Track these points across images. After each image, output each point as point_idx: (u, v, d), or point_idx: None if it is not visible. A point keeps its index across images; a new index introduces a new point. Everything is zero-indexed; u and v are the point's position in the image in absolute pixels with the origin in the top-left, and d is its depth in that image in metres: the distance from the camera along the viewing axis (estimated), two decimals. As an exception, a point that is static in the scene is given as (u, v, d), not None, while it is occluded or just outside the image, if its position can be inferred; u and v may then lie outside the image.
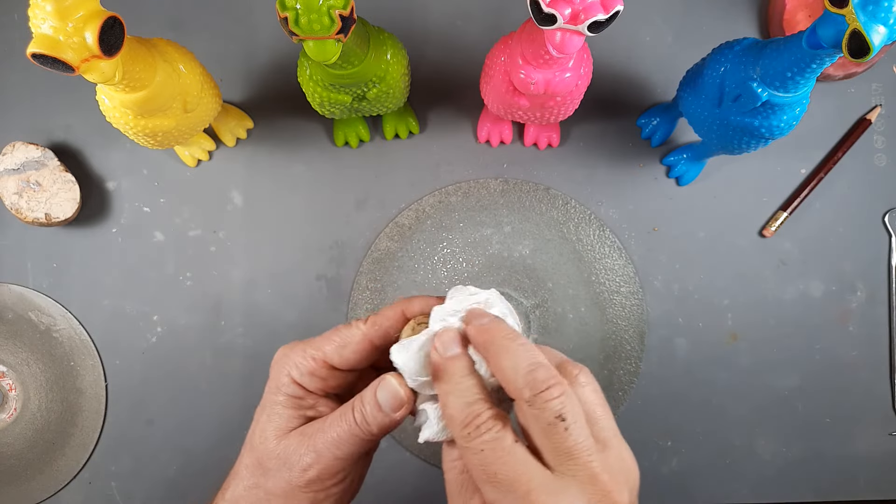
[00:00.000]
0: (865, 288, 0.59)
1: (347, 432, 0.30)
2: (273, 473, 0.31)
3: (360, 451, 0.31)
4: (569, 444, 0.26)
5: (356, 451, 0.31)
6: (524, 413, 0.27)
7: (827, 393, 0.58)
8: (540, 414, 0.26)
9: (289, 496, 0.31)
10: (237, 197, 0.59)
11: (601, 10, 0.36)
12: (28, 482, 0.58)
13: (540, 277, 0.58)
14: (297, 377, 0.32)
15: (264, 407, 0.33)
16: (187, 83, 0.45)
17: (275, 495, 0.31)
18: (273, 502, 0.31)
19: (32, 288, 0.58)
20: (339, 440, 0.30)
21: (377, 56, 0.45)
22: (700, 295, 0.58)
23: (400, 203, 0.59)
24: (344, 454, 0.31)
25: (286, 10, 0.36)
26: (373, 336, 0.32)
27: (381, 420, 0.30)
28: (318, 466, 0.30)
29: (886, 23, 0.33)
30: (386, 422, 0.30)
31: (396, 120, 0.57)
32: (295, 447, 0.31)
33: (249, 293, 0.58)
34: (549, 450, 0.26)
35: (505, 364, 0.28)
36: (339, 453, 0.30)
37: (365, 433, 0.30)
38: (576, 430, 0.26)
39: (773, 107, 0.42)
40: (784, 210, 0.58)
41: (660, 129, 0.58)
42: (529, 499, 0.25)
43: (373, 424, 0.30)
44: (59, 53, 0.34)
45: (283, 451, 0.31)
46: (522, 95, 0.46)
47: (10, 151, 0.55)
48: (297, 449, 0.31)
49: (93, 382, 0.58)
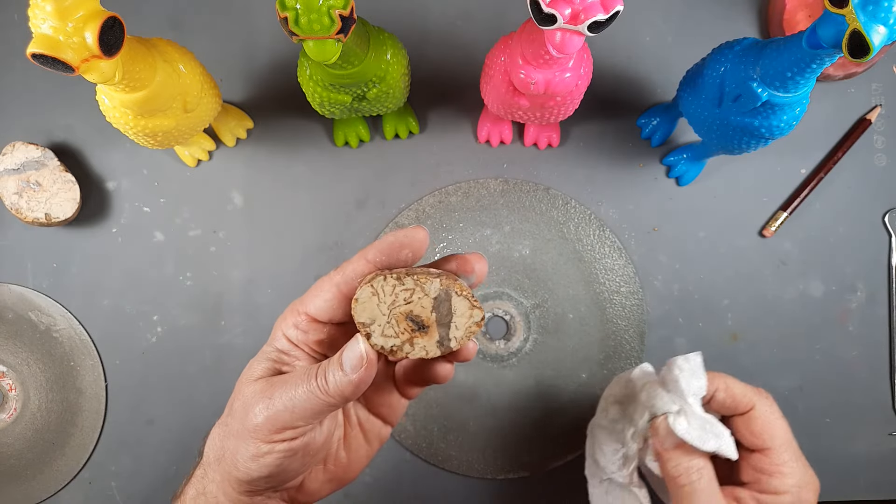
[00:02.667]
0: (865, 288, 0.59)
1: (304, 387, 0.30)
2: (235, 414, 0.32)
3: (311, 410, 0.30)
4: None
5: (307, 408, 0.30)
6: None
7: (827, 393, 0.58)
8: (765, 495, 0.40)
9: (240, 437, 0.31)
10: (237, 197, 0.59)
11: (601, 10, 0.36)
12: (28, 482, 0.58)
13: (540, 277, 0.58)
14: (286, 331, 0.33)
15: (256, 357, 0.34)
16: (187, 83, 0.45)
17: (232, 436, 0.32)
18: (230, 441, 0.32)
19: (32, 288, 0.58)
20: (294, 393, 0.30)
21: (377, 56, 0.45)
22: (700, 295, 0.58)
23: (400, 203, 0.59)
24: (294, 407, 0.30)
25: (286, 10, 0.36)
26: (339, 282, 0.31)
27: (339, 381, 0.30)
28: (265, 413, 0.31)
29: (886, 23, 0.33)
30: (343, 383, 0.30)
31: (396, 120, 0.57)
32: (256, 391, 0.32)
33: (249, 293, 0.58)
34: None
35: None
36: (289, 406, 0.30)
37: (321, 391, 0.30)
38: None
39: (773, 107, 0.42)
40: (784, 210, 0.58)
41: (660, 129, 0.58)
42: None
43: (330, 384, 0.30)
44: (58, 53, 0.34)
45: (247, 394, 0.32)
46: (522, 95, 0.46)
47: (10, 151, 0.55)
48: (257, 393, 0.31)
49: (93, 382, 0.58)
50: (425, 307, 0.29)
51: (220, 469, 0.33)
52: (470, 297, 0.29)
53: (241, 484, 0.32)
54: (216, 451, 0.33)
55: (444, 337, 0.30)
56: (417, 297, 0.29)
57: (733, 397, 0.42)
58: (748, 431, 0.42)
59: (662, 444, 0.42)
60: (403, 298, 0.29)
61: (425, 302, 0.29)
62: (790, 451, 0.41)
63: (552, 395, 0.58)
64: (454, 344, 0.30)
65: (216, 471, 0.33)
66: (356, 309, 0.29)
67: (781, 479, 0.40)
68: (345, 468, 0.36)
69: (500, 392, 0.58)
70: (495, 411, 0.57)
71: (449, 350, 0.30)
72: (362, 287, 0.29)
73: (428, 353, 0.30)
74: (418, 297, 0.29)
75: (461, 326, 0.30)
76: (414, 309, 0.29)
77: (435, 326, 0.30)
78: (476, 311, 0.29)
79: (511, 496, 0.58)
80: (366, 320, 0.30)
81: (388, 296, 0.29)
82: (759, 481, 0.41)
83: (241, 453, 0.31)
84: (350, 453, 0.36)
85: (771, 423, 0.41)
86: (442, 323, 0.30)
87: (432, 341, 0.30)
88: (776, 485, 0.40)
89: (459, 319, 0.30)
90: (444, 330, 0.30)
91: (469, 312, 0.29)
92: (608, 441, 0.46)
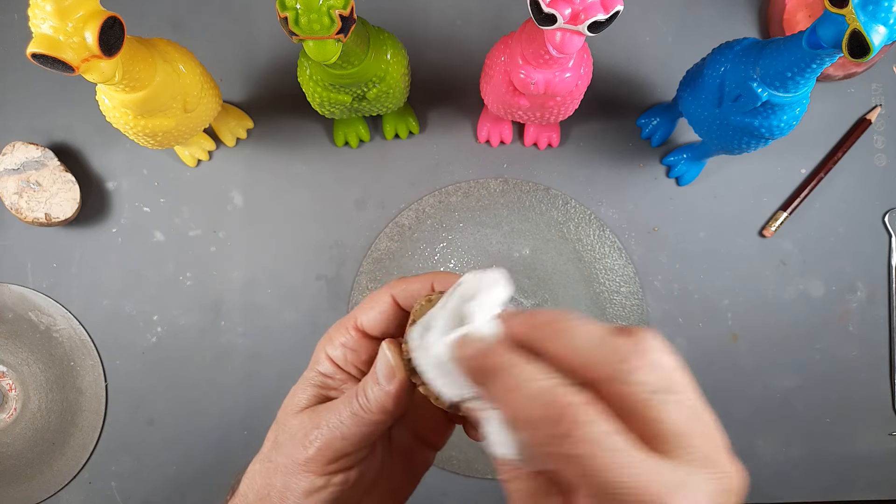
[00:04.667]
0: (865, 288, 0.59)
1: (349, 410, 0.29)
2: (282, 448, 0.31)
3: (360, 432, 0.29)
4: (676, 419, 0.22)
5: (356, 431, 0.29)
6: (612, 395, 0.22)
7: (827, 393, 0.58)
8: (634, 390, 0.21)
9: (289, 472, 0.30)
10: (237, 197, 0.59)
11: (601, 10, 0.36)
12: (28, 482, 0.58)
13: (540, 277, 0.58)
14: (331, 352, 0.32)
15: (297, 384, 0.33)
16: (187, 83, 0.45)
17: (279, 472, 0.31)
18: (277, 478, 0.31)
19: (32, 288, 0.58)
20: (341, 418, 0.29)
21: (377, 56, 0.45)
22: (700, 295, 0.58)
23: (400, 203, 0.59)
24: (344, 434, 0.29)
25: (286, 10, 0.36)
26: (398, 295, 0.30)
27: (378, 395, 0.29)
28: (317, 444, 0.30)
29: (886, 23, 0.33)
30: (381, 396, 0.29)
31: (396, 120, 0.57)
32: (304, 422, 0.30)
33: (249, 293, 0.58)
34: (655, 433, 0.21)
35: (577, 343, 0.22)
36: (339, 433, 0.29)
37: (365, 411, 0.29)
38: (679, 400, 0.22)
39: (773, 107, 0.42)
40: (784, 210, 0.58)
41: (660, 129, 0.58)
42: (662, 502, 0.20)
43: (371, 401, 0.29)
44: (58, 53, 0.34)
45: (294, 426, 0.31)
46: (522, 95, 0.46)
47: (10, 151, 0.55)
48: (305, 424, 0.30)
49: (93, 382, 0.58)
50: None
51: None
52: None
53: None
54: (258, 489, 0.31)
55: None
56: None
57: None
58: None
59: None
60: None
61: None
62: None
63: (552, 395, 0.58)
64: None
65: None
66: (411, 326, 0.28)
67: None
68: (375, 487, 0.34)
69: (500, 392, 0.58)
70: (495, 411, 0.57)
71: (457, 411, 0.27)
72: (422, 303, 0.28)
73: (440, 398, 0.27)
74: None
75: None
76: None
77: None
78: None
79: (511, 496, 0.58)
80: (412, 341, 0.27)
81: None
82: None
83: (293, 490, 0.30)
84: (393, 482, 0.34)
85: None
86: None
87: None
88: None
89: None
90: None
91: None
92: None
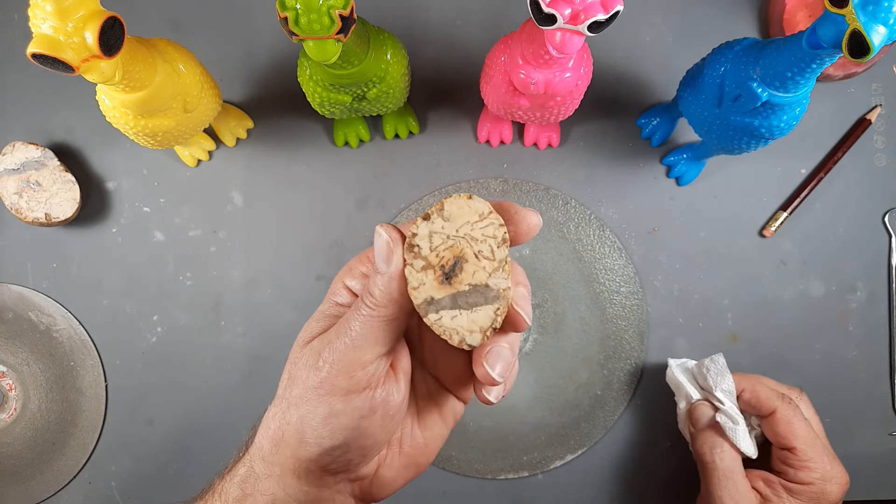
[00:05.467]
0: (865, 288, 0.59)
1: (357, 317, 0.28)
2: (294, 381, 0.29)
3: (371, 334, 0.28)
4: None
5: (366, 334, 0.28)
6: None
7: (827, 393, 0.58)
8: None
9: (305, 401, 0.28)
10: (237, 197, 0.59)
11: (601, 10, 0.36)
12: (28, 482, 0.58)
13: (540, 277, 0.58)
14: (349, 282, 0.31)
15: (312, 316, 0.31)
16: (187, 83, 0.45)
17: (293, 406, 0.29)
18: (292, 413, 0.29)
19: (32, 288, 0.58)
20: (350, 327, 0.28)
21: (377, 56, 0.45)
22: (700, 295, 0.58)
23: (400, 203, 0.59)
24: (356, 343, 0.28)
25: (286, 10, 0.36)
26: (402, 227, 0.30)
27: (382, 284, 0.27)
28: (329, 360, 0.28)
29: (886, 23, 0.33)
30: (384, 282, 0.27)
31: (396, 120, 0.57)
32: (314, 347, 0.29)
33: (249, 293, 0.58)
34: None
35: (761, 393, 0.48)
36: (349, 341, 0.28)
37: (372, 307, 0.28)
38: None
39: (773, 107, 0.42)
40: (784, 210, 0.58)
41: (660, 129, 0.58)
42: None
43: (376, 294, 0.27)
44: (58, 53, 0.34)
45: (305, 354, 0.29)
46: (522, 95, 0.46)
47: (10, 151, 0.55)
48: (315, 348, 0.29)
49: (93, 382, 0.58)
50: (475, 269, 0.27)
51: (278, 455, 0.29)
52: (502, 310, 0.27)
53: (308, 465, 0.29)
54: (274, 433, 0.30)
55: (462, 303, 0.27)
56: (479, 251, 0.27)
57: (757, 399, 0.49)
58: (772, 432, 0.48)
59: (695, 425, 0.51)
60: (482, 233, 0.27)
61: (480, 266, 0.27)
62: (815, 448, 0.47)
63: (552, 394, 0.58)
64: (465, 338, 0.27)
65: (272, 462, 0.30)
66: (422, 223, 0.27)
67: (806, 472, 0.47)
68: (421, 450, 0.33)
69: (500, 392, 0.58)
70: (495, 411, 0.57)
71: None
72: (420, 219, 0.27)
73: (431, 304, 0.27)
74: (481, 251, 0.27)
75: (478, 320, 0.27)
76: (466, 257, 0.27)
77: (460, 293, 0.27)
78: (497, 320, 0.27)
79: (511, 496, 0.58)
80: (421, 237, 0.27)
81: (461, 225, 0.27)
82: (786, 472, 0.47)
83: (310, 419, 0.28)
84: (425, 431, 0.33)
85: (792, 425, 0.47)
86: (468, 299, 0.27)
87: (449, 295, 0.27)
88: (801, 476, 0.47)
89: (482, 311, 0.27)
90: (466, 300, 0.27)
91: (493, 317, 0.27)
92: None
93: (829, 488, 0.46)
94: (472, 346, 0.27)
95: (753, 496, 0.47)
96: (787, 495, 0.47)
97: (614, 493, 0.58)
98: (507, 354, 0.28)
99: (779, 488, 0.47)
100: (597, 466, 0.58)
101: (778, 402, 0.48)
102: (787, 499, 0.47)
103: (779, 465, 0.48)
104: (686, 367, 0.54)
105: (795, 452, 0.47)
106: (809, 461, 0.47)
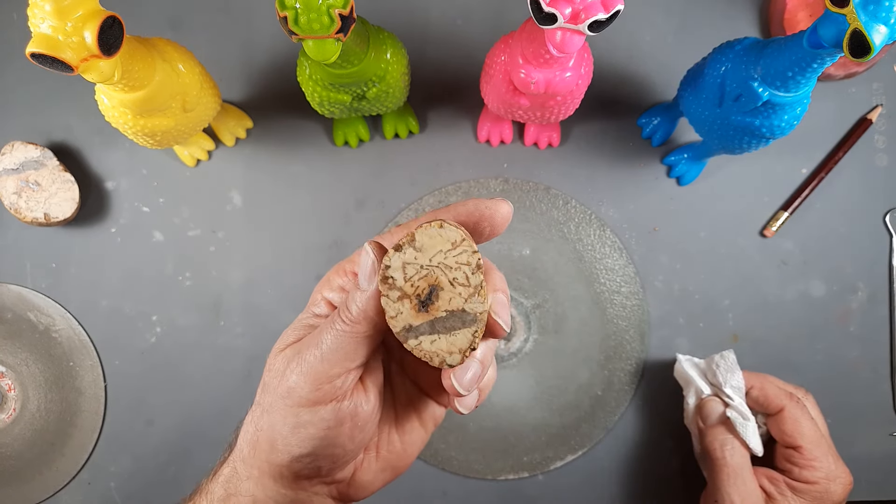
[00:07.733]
0: (866, 288, 0.58)
1: (330, 330, 0.28)
2: (267, 388, 0.29)
3: (342, 348, 0.28)
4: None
5: (338, 348, 0.28)
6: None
7: (827, 393, 0.58)
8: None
9: (275, 410, 0.28)
10: (236, 197, 0.58)
11: (601, 10, 0.35)
12: (28, 482, 0.58)
13: (540, 277, 0.58)
14: (328, 294, 0.31)
15: (290, 326, 0.31)
16: (186, 83, 0.45)
17: (266, 412, 0.29)
18: (264, 419, 0.29)
19: (31, 288, 0.58)
20: (323, 339, 0.28)
21: (377, 55, 0.45)
22: (701, 295, 0.58)
23: (400, 203, 0.58)
24: (323, 354, 0.28)
25: (286, 10, 0.36)
26: (385, 242, 0.29)
27: (359, 299, 0.27)
28: (297, 370, 0.28)
29: (887, 22, 0.32)
30: (363, 299, 0.27)
31: (396, 120, 0.57)
32: (287, 355, 0.29)
33: (249, 293, 0.58)
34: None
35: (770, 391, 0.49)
36: (319, 353, 0.28)
37: (345, 321, 0.27)
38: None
39: (773, 106, 0.42)
40: (785, 210, 0.58)
41: (660, 129, 0.57)
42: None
43: (352, 309, 0.27)
44: (58, 53, 0.34)
45: (277, 363, 0.29)
46: (523, 95, 0.46)
47: (9, 151, 0.55)
48: (287, 356, 0.29)
49: (92, 382, 0.58)
50: (451, 296, 0.26)
51: (255, 459, 0.30)
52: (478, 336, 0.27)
53: (281, 470, 0.29)
54: (251, 437, 0.30)
55: (433, 329, 0.27)
56: (454, 278, 0.26)
57: (766, 397, 0.50)
58: (778, 430, 0.49)
59: (704, 421, 0.51)
60: (455, 261, 0.26)
61: (456, 293, 0.26)
62: (820, 448, 0.48)
63: (552, 395, 0.58)
64: (445, 359, 0.27)
65: (251, 465, 0.30)
66: (394, 254, 0.26)
67: (811, 472, 0.47)
68: (399, 454, 0.33)
69: (500, 392, 0.57)
70: (495, 411, 0.57)
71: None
72: (420, 229, 0.27)
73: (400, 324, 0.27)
74: (456, 278, 0.26)
75: (457, 343, 0.27)
76: (441, 285, 0.26)
77: (438, 319, 0.27)
78: (476, 341, 0.27)
79: (511, 496, 0.58)
80: (394, 269, 0.27)
81: (433, 254, 0.26)
82: (790, 471, 0.48)
83: (280, 428, 0.28)
84: (404, 436, 0.33)
85: (799, 424, 0.48)
86: (446, 324, 0.27)
87: (422, 322, 0.27)
88: (806, 475, 0.47)
89: (461, 334, 0.27)
90: (444, 325, 0.27)
91: (471, 339, 0.27)
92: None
93: (833, 488, 0.47)
94: (453, 365, 0.27)
95: (760, 494, 0.48)
96: (792, 494, 0.47)
97: (615, 493, 0.58)
98: (475, 366, 0.27)
99: (783, 486, 0.48)
100: (597, 467, 0.58)
101: (786, 401, 0.49)
102: (791, 497, 0.47)
103: (783, 463, 0.49)
104: (694, 363, 0.54)
105: (801, 451, 0.47)
106: (814, 460, 0.47)
